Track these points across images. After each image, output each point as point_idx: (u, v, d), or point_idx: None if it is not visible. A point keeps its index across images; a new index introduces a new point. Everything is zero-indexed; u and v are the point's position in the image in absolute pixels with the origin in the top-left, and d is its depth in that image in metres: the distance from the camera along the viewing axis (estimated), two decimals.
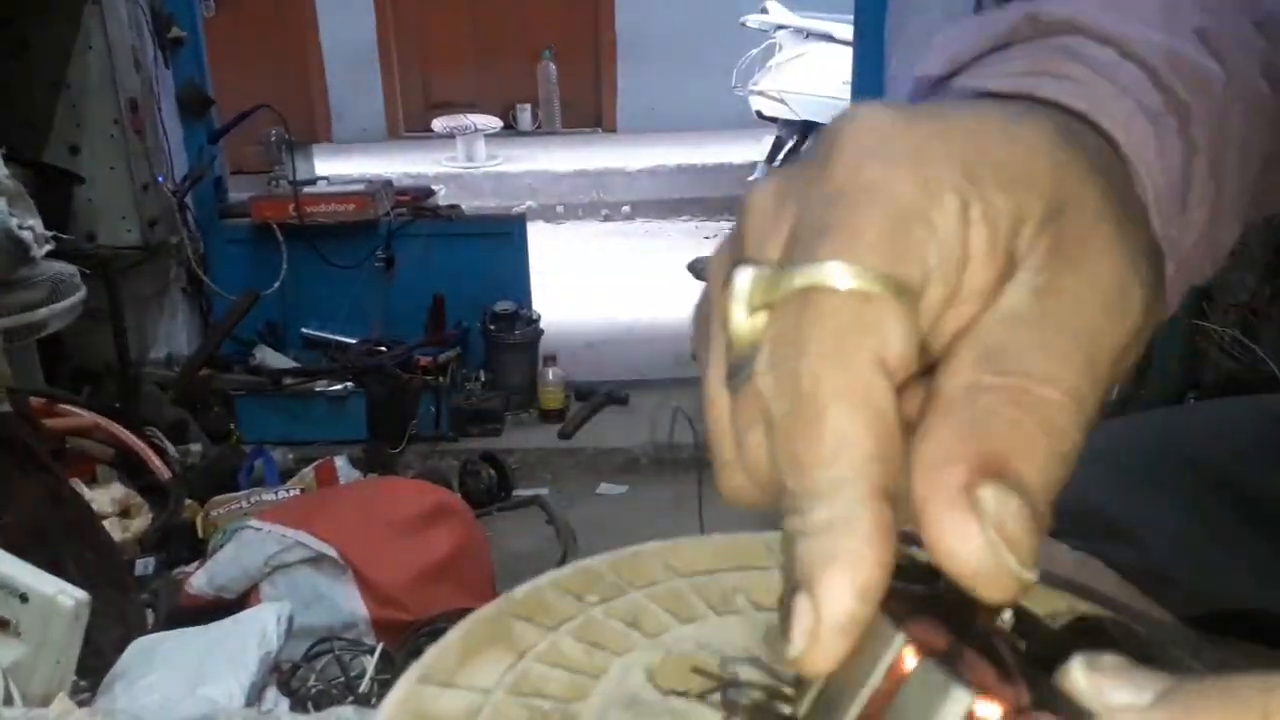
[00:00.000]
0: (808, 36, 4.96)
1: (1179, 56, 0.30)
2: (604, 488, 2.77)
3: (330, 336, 3.10)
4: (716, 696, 0.28)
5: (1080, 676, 0.19)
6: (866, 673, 0.21)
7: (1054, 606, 0.30)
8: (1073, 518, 0.43)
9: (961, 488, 0.21)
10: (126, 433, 2.18)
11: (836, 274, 0.22)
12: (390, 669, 1.54)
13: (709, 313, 0.26)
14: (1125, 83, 0.29)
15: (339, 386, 2.85)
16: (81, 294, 1.93)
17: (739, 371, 0.24)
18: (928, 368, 0.24)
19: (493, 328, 3.05)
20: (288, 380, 2.86)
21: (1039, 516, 0.21)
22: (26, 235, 1.77)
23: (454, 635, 0.31)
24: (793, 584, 0.21)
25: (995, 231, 0.23)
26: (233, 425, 2.80)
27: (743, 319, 0.24)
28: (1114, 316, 0.23)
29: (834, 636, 0.21)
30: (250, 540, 1.72)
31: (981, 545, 0.20)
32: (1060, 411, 0.22)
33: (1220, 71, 0.30)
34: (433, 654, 0.30)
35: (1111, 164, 0.27)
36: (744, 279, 0.24)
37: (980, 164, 0.23)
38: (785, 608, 0.22)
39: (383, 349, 2.96)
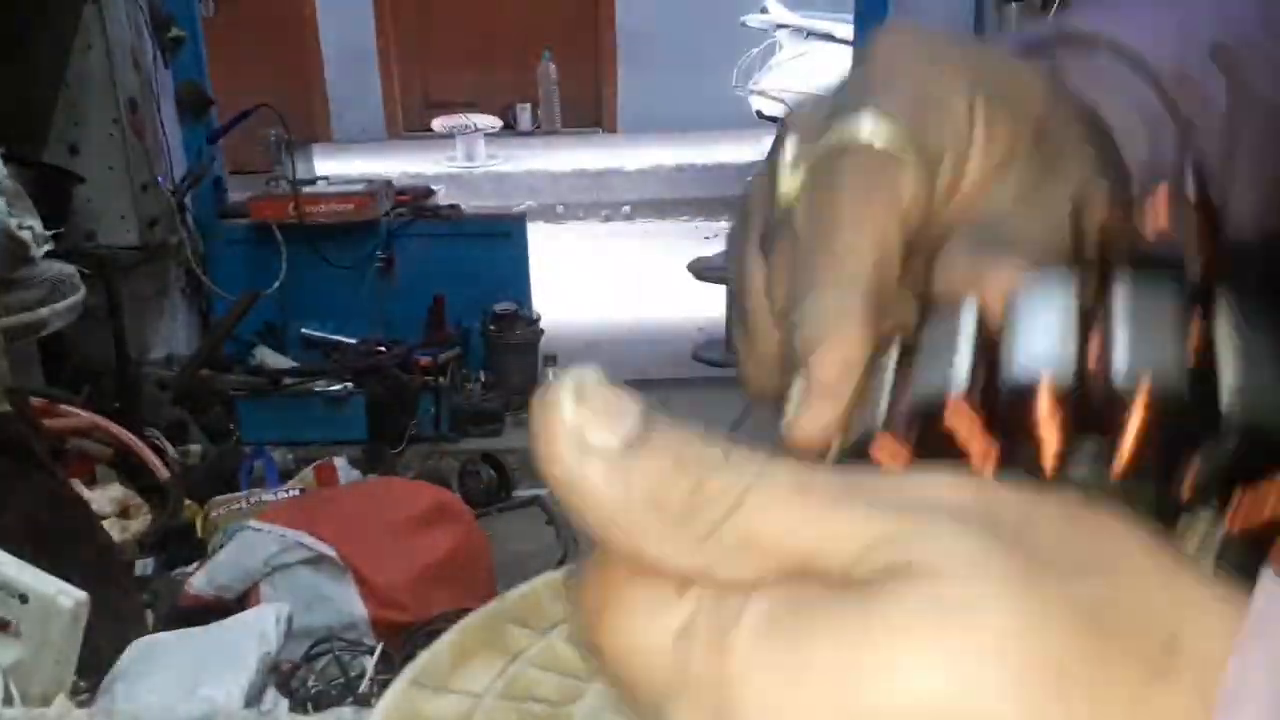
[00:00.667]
0: (808, 36, 4.96)
1: (1187, 78, 0.33)
2: None
3: (330, 337, 3.10)
4: None
5: (566, 405, 0.17)
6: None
7: None
8: None
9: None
10: (126, 433, 2.18)
11: (868, 130, 0.26)
12: (390, 670, 1.54)
13: (747, 207, 0.29)
14: (1133, 91, 0.32)
15: (339, 387, 2.85)
16: (81, 294, 1.92)
17: (776, 230, 0.27)
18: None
19: (493, 328, 3.05)
20: (287, 380, 2.86)
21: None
22: (26, 235, 1.77)
23: (447, 639, 0.31)
24: (790, 368, 0.25)
25: (992, 135, 0.27)
26: (232, 425, 2.80)
27: (788, 177, 0.27)
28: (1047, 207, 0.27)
29: (824, 403, 0.24)
30: (250, 541, 1.72)
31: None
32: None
33: (1223, 94, 0.33)
34: (426, 658, 0.30)
35: (1093, 126, 0.30)
36: (790, 142, 0.27)
37: (985, 82, 0.27)
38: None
39: (382, 349, 2.96)
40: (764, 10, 5.16)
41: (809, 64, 4.80)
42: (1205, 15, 0.35)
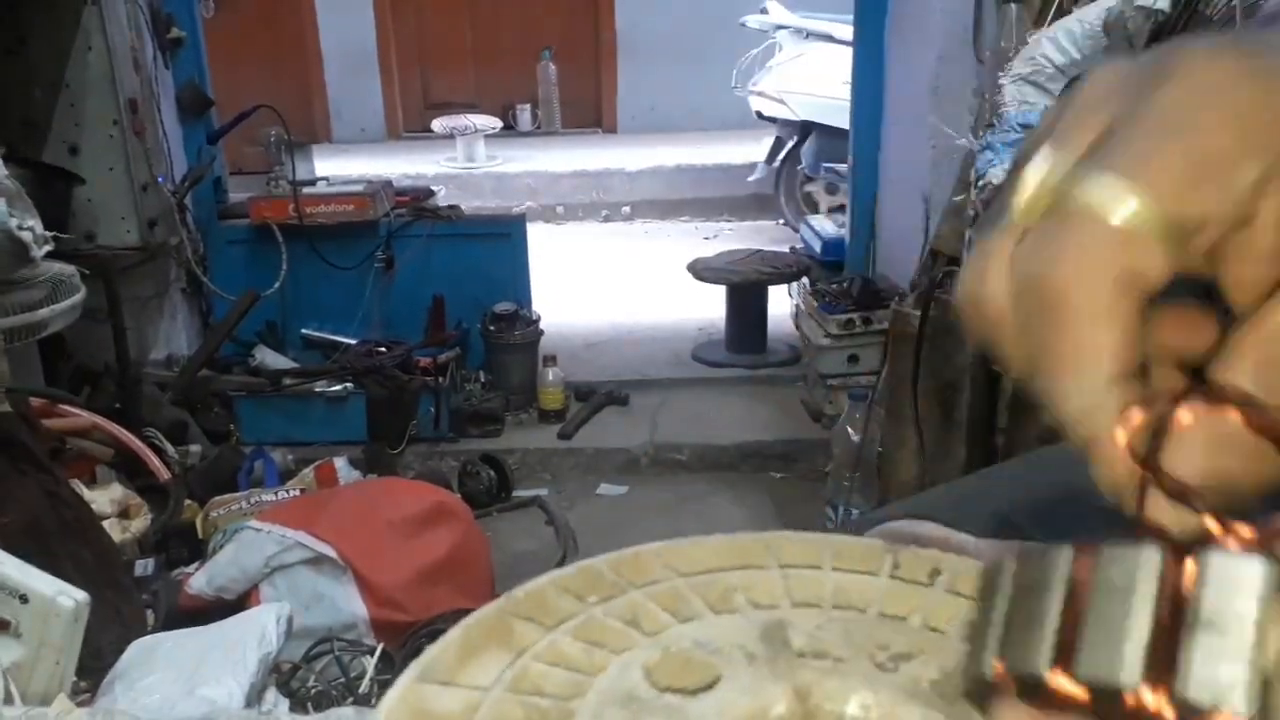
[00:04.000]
0: (807, 37, 4.95)
1: None
2: (604, 488, 2.77)
3: (330, 337, 3.10)
4: (709, 693, 0.28)
5: None
6: (1132, 584, 0.22)
7: None
8: (1075, 515, 0.43)
9: None
10: (126, 433, 2.18)
11: (1113, 199, 0.23)
12: (390, 669, 1.54)
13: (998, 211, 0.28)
14: None
15: (339, 387, 2.85)
16: (81, 294, 1.92)
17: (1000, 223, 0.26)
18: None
19: (492, 328, 3.05)
20: (287, 381, 2.86)
21: None
22: (26, 236, 1.77)
23: (454, 634, 0.31)
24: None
25: None
26: (232, 426, 2.80)
27: (1022, 205, 0.26)
28: None
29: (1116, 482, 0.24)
30: (250, 541, 1.72)
31: None
32: None
33: None
34: (432, 652, 0.30)
35: None
36: (1035, 173, 0.26)
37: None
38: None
39: (382, 350, 2.96)
40: (763, 11, 5.16)
41: (809, 64, 4.80)
42: None
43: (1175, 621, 0.21)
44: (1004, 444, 1.73)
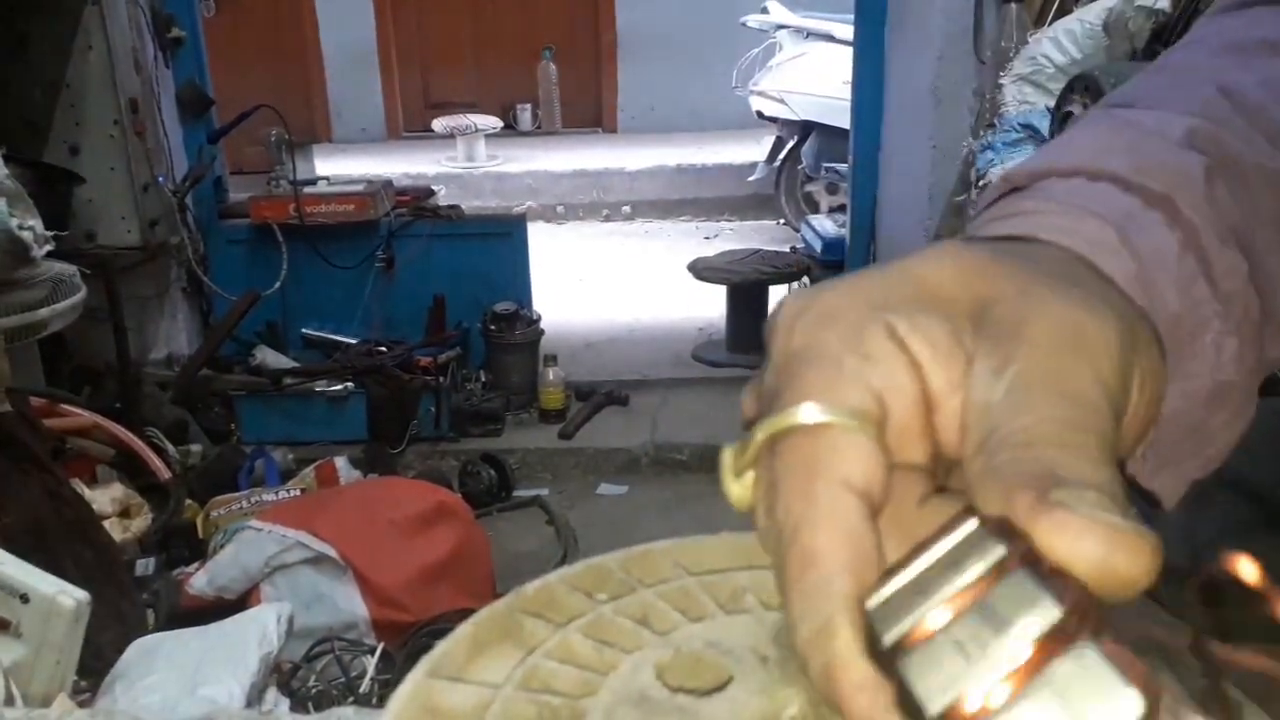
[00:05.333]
0: (808, 36, 4.96)
1: (1147, 161, 0.32)
2: (604, 488, 2.77)
3: (330, 337, 3.10)
4: (721, 694, 0.28)
5: None
6: (958, 569, 0.21)
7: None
8: None
9: (1035, 500, 0.21)
10: (127, 433, 2.18)
11: (795, 415, 0.25)
12: (390, 669, 1.54)
13: None
14: (1085, 199, 0.31)
15: (339, 387, 2.84)
16: (82, 294, 1.92)
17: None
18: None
19: (493, 328, 3.05)
20: (288, 380, 2.86)
21: (1118, 494, 0.22)
22: (27, 235, 1.77)
23: (464, 630, 0.31)
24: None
25: (932, 338, 0.25)
26: (233, 425, 2.80)
27: (733, 488, 0.26)
28: (1079, 353, 0.24)
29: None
30: (250, 541, 1.72)
31: (1089, 523, 0.21)
32: (1068, 434, 0.23)
33: (1200, 160, 0.32)
34: (443, 648, 0.30)
35: (1061, 261, 0.29)
36: (726, 454, 0.27)
37: (891, 301, 0.26)
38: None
39: (383, 349, 2.96)
40: (764, 10, 5.16)
41: (809, 64, 4.80)
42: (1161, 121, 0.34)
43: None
44: None
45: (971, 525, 0.22)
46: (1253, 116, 0.35)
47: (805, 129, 4.82)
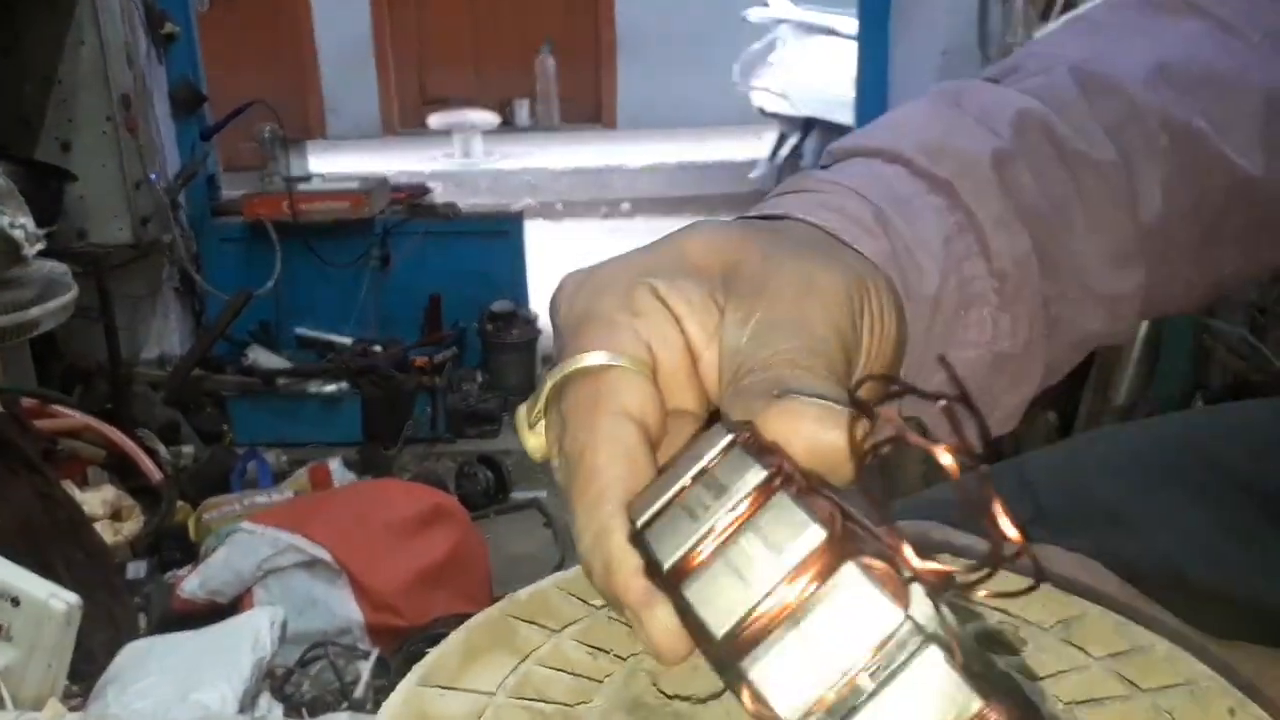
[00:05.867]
0: (810, 31, 4.94)
1: (945, 146, 0.36)
2: None
3: (324, 336, 3.09)
4: (718, 701, 0.28)
5: None
6: (697, 457, 0.25)
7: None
8: (1082, 517, 0.46)
9: (766, 402, 0.26)
10: (118, 434, 2.16)
11: (580, 360, 0.29)
12: (385, 674, 1.53)
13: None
14: (866, 181, 0.35)
15: (333, 387, 2.83)
16: (73, 293, 1.91)
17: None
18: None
19: (490, 327, 3.04)
20: (281, 381, 2.85)
21: (839, 399, 0.26)
22: (18, 234, 1.75)
23: (456, 637, 0.31)
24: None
25: (689, 297, 0.30)
26: (225, 426, 2.78)
27: (529, 439, 0.31)
28: (810, 299, 0.29)
29: (654, 624, 0.25)
30: (243, 543, 1.71)
31: (801, 405, 0.25)
32: (801, 358, 0.27)
33: (995, 147, 0.36)
34: (434, 656, 0.30)
35: (806, 234, 0.34)
36: (520, 410, 0.31)
37: (655, 269, 0.31)
38: None
39: (378, 349, 2.95)
40: (765, 5, 5.14)
41: (811, 59, 4.78)
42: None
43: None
44: (1011, 445, 1.72)
45: (718, 434, 0.25)
46: (1099, 98, 0.38)
47: (807, 125, 4.81)
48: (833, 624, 0.21)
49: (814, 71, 4.69)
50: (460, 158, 5.95)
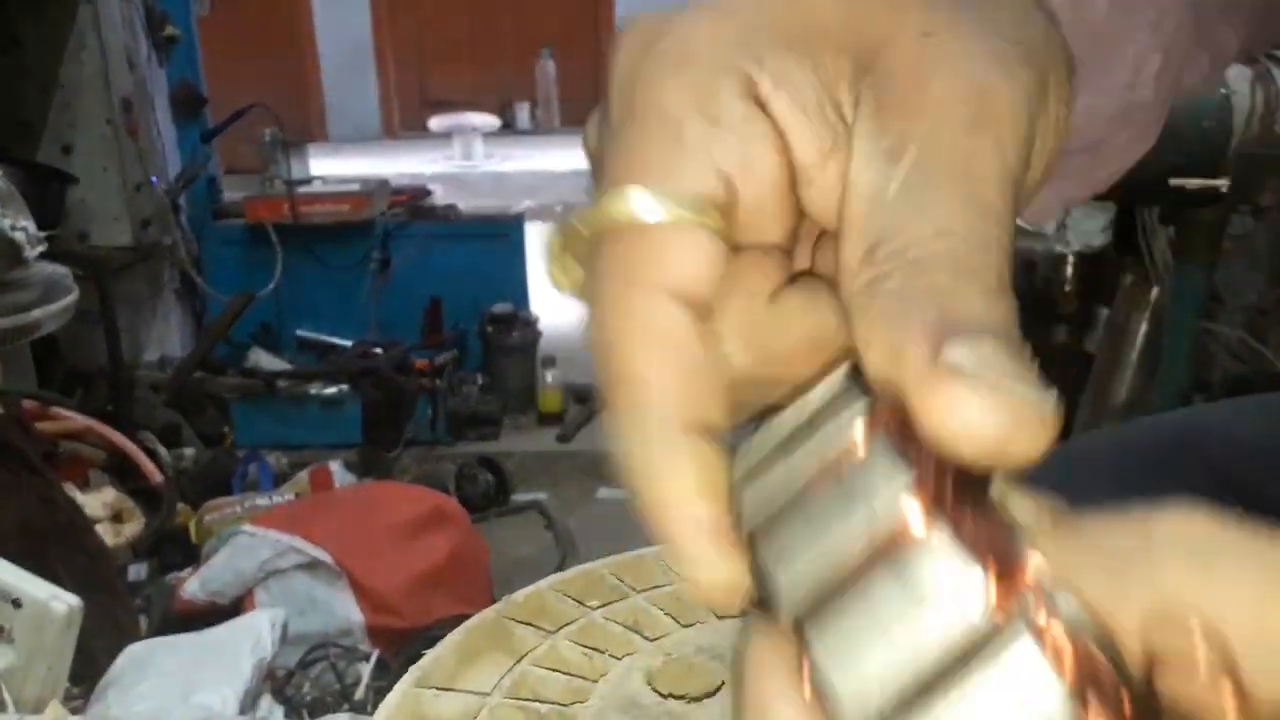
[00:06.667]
0: None
1: None
2: (604, 492, 2.75)
3: (325, 339, 3.09)
4: (713, 700, 0.28)
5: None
6: (820, 436, 0.19)
7: None
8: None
9: (927, 360, 0.17)
10: (119, 436, 2.16)
11: (619, 206, 0.20)
12: (386, 676, 1.53)
13: None
14: None
15: (334, 389, 2.83)
16: (74, 296, 1.91)
17: None
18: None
19: (490, 330, 3.04)
20: (282, 383, 2.85)
21: (1015, 344, 0.18)
22: (19, 236, 1.75)
23: (453, 639, 0.30)
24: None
25: (802, 99, 0.20)
26: (226, 429, 2.78)
27: (562, 281, 0.23)
28: (985, 130, 0.20)
29: (698, 567, 0.20)
30: (244, 545, 1.71)
31: (986, 402, 0.17)
32: (967, 254, 0.19)
33: None
34: (431, 658, 0.30)
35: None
36: (553, 240, 0.23)
37: (757, 35, 0.21)
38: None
39: (378, 351, 2.95)
40: None
41: None
42: None
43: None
44: None
45: (840, 382, 0.20)
46: None
47: None
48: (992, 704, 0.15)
49: None
50: (461, 160, 5.96)
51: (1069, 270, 1.77)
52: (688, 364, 0.20)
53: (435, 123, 6.09)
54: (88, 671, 1.33)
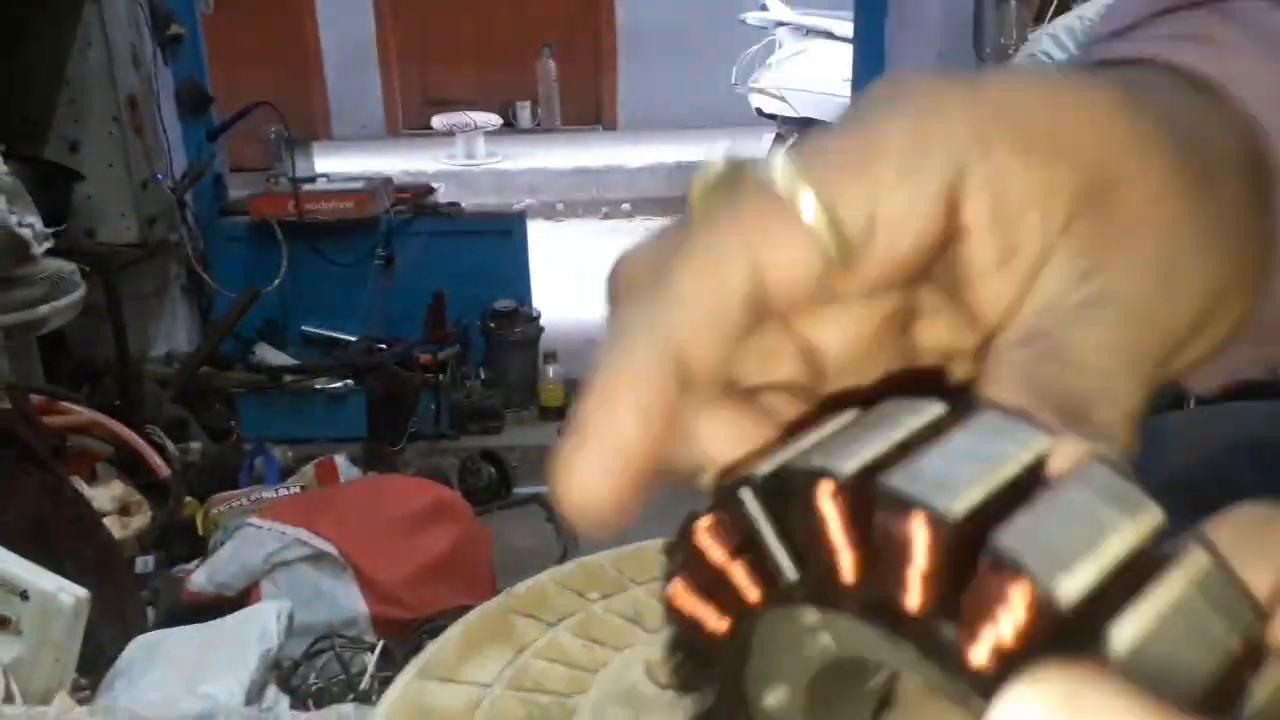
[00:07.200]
0: (808, 33, 4.95)
1: None
2: None
3: (330, 334, 3.10)
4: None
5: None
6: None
7: None
8: None
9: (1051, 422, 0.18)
10: (126, 430, 2.17)
11: (776, 170, 0.20)
12: (391, 666, 1.53)
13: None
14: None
15: (339, 384, 2.84)
16: (81, 291, 1.92)
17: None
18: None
19: (493, 325, 3.05)
20: (287, 378, 2.86)
21: (1126, 467, 0.18)
22: (26, 233, 1.77)
23: (455, 631, 0.31)
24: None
25: (1002, 202, 0.20)
26: (233, 423, 2.79)
27: (697, 195, 0.22)
28: (1174, 297, 0.21)
29: (589, 448, 0.19)
30: (250, 538, 1.72)
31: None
32: (1114, 376, 0.20)
33: None
34: (433, 649, 0.30)
35: (1231, 135, 0.23)
36: (715, 159, 0.22)
37: (998, 128, 0.20)
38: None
39: (382, 346, 2.96)
40: (764, 8, 5.15)
41: (809, 61, 4.79)
42: None
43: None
44: None
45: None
46: None
47: (805, 126, 4.81)
48: None
49: (811, 73, 4.70)
50: (463, 158, 5.95)
51: None
52: (724, 323, 0.19)
53: (438, 121, 6.09)
54: (95, 662, 1.35)
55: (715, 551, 0.19)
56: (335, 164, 4.86)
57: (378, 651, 1.56)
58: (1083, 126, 0.21)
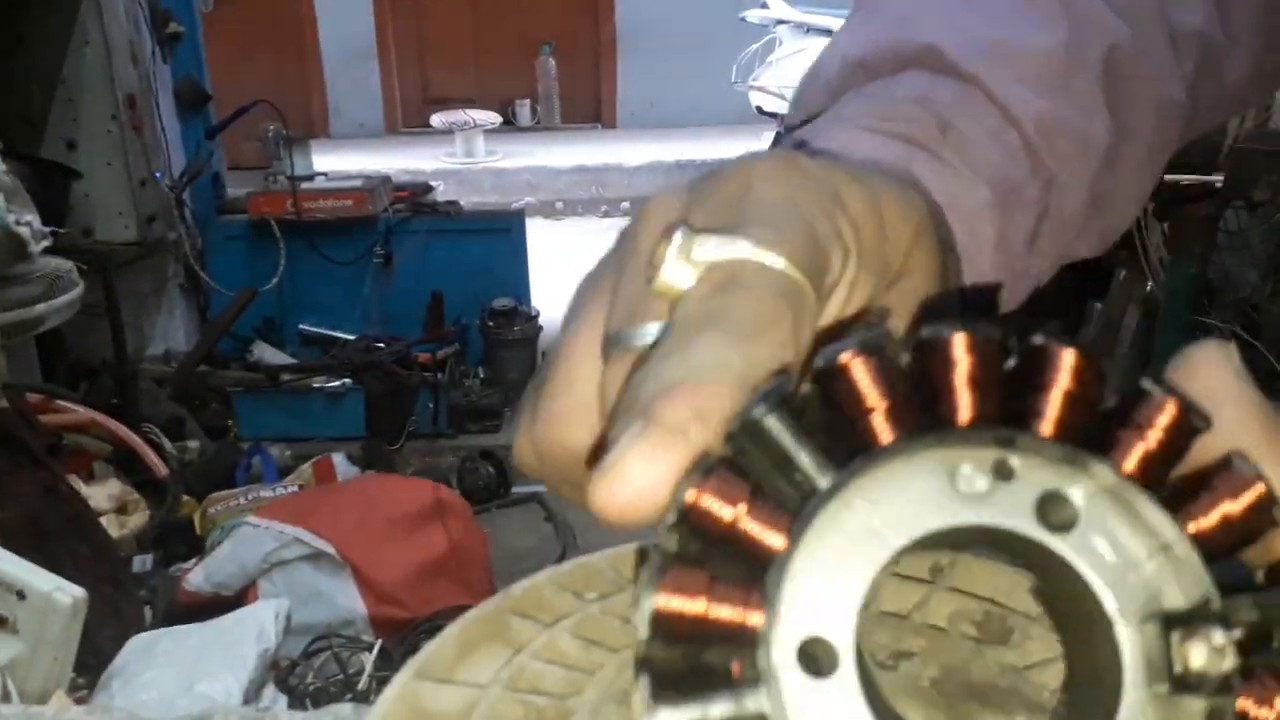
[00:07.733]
0: (808, 31, 4.95)
1: (1056, 122, 0.34)
2: None
3: (328, 333, 3.10)
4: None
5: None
6: None
7: None
8: None
9: None
10: (124, 429, 2.17)
11: (766, 254, 0.23)
12: (389, 666, 1.54)
13: (594, 286, 0.28)
14: (996, 157, 0.34)
15: (337, 383, 2.84)
16: (79, 290, 1.92)
17: (625, 338, 0.25)
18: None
19: (491, 324, 3.05)
20: (285, 377, 2.86)
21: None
22: (24, 231, 1.76)
23: (451, 631, 0.30)
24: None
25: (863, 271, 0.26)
26: (230, 422, 2.80)
27: (674, 266, 0.24)
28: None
29: (657, 449, 0.20)
30: (248, 537, 1.72)
31: None
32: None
33: (1104, 130, 0.35)
34: (430, 650, 0.30)
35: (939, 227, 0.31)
36: (682, 234, 0.24)
37: (843, 189, 0.27)
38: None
39: (381, 345, 2.96)
40: (764, 6, 5.16)
41: (808, 59, 4.79)
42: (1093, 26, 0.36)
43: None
44: None
45: None
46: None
47: (804, 124, 4.81)
48: None
49: None
50: (462, 157, 5.96)
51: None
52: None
53: (437, 119, 6.09)
54: (93, 662, 1.34)
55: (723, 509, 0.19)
56: (334, 162, 4.86)
57: (375, 651, 1.56)
58: (895, 229, 0.28)
